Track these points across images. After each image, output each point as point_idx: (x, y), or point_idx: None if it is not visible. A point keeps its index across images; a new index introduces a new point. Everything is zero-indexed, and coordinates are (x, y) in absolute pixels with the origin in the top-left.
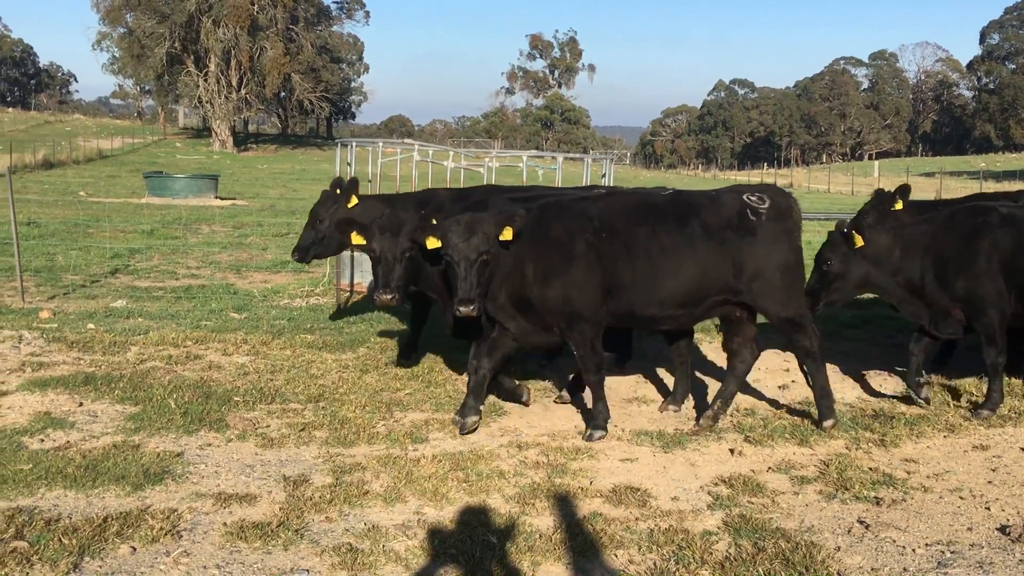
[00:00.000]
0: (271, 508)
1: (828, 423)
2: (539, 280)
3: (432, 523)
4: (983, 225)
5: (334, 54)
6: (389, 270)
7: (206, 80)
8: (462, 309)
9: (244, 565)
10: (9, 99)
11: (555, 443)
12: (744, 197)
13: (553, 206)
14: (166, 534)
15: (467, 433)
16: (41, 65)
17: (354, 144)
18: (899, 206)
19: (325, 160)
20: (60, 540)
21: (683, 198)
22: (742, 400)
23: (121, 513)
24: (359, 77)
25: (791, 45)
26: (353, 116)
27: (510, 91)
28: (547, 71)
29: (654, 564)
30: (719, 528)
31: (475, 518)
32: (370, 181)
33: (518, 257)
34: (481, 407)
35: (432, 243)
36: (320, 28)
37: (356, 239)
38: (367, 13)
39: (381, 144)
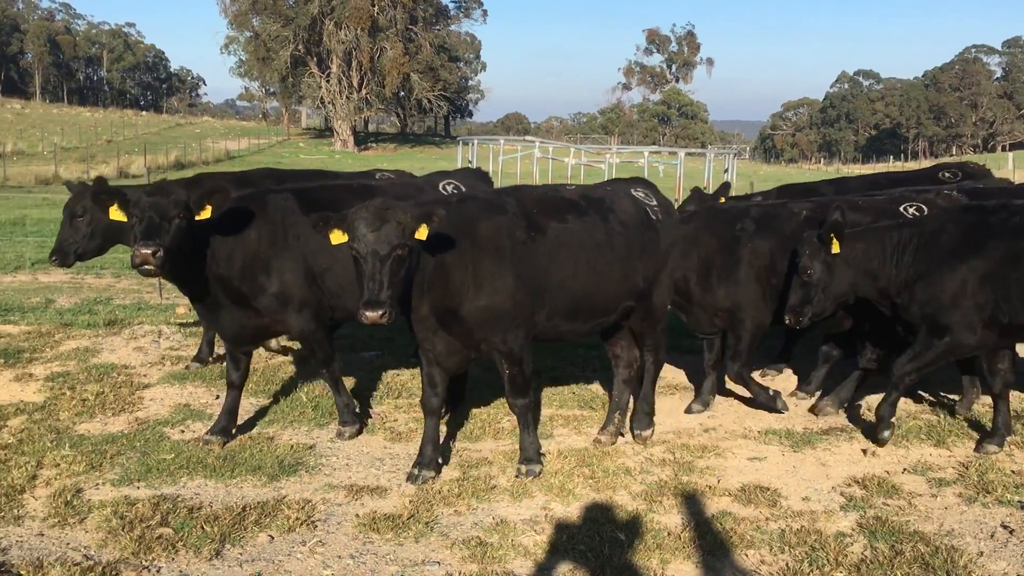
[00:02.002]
0: (401, 501)
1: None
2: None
3: (559, 519)
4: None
5: (452, 53)
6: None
7: (328, 81)
8: (368, 315)
9: (377, 556)
10: (142, 103)
11: (680, 440)
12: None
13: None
14: (302, 524)
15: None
16: (172, 70)
17: (476, 142)
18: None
19: (443, 158)
20: (202, 527)
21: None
22: (873, 400)
23: (258, 503)
24: (476, 75)
25: (919, 34)
26: (470, 114)
27: (627, 87)
28: (664, 66)
29: (786, 565)
30: (853, 530)
31: (602, 515)
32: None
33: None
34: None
35: (337, 238)
36: (438, 28)
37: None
38: (485, 12)
39: (502, 141)
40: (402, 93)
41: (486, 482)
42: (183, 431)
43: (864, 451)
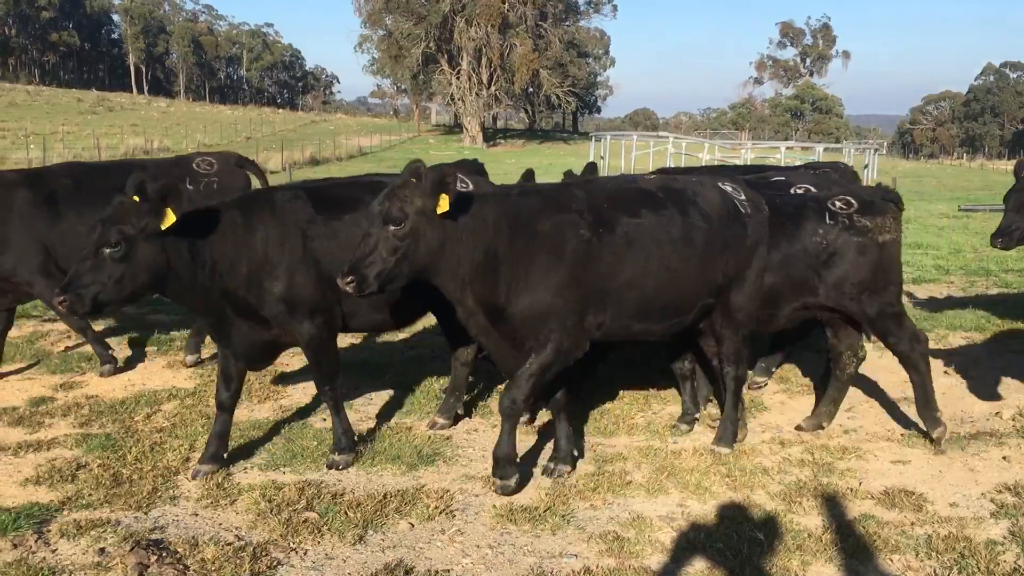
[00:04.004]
0: (537, 493)
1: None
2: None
3: (696, 516)
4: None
5: (581, 49)
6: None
7: (458, 78)
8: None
9: (515, 547)
10: (279, 101)
11: (819, 441)
12: None
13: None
14: (440, 513)
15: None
16: (307, 68)
17: (608, 137)
18: None
19: (571, 154)
20: (346, 513)
21: None
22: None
23: (399, 491)
24: (605, 71)
25: None
26: (598, 110)
27: (758, 81)
28: (798, 59)
29: (933, 571)
30: (1005, 538)
31: (739, 513)
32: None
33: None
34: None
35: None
36: (568, 24)
37: None
38: (614, 7)
39: (635, 137)
40: (531, 89)
41: (621, 477)
42: (324, 419)
43: (1004, 458)
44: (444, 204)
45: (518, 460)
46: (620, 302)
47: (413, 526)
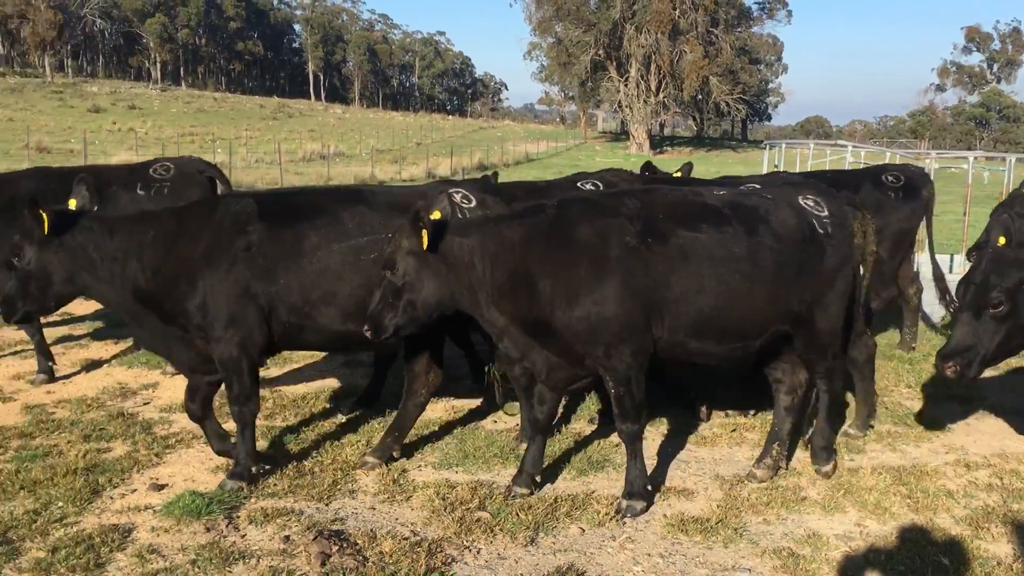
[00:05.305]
0: (708, 505)
1: None
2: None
3: (875, 537)
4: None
5: (752, 55)
6: None
7: (626, 85)
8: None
9: (686, 557)
10: (449, 107)
11: (1008, 465)
12: None
13: None
14: (611, 519)
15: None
16: (477, 76)
17: (783, 145)
18: None
19: (739, 162)
20: (517, 514)
21: None
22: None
23: (569, 495)
24: (777, 78)
25: None
26: (769, 117)
27: (940, 88)
28: (984, 65)
29: None
30: None
31: (922, 536)
32: None
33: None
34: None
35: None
36: (740, 30)
37: None
38: (789, 12)
39: (812, 145)
40: (699, 96)
41: (795, 493)
42: (495, 421)
43: None
44: (425, 239)
45: (648, 486)
46: (674, 317)
47: (584, 531)
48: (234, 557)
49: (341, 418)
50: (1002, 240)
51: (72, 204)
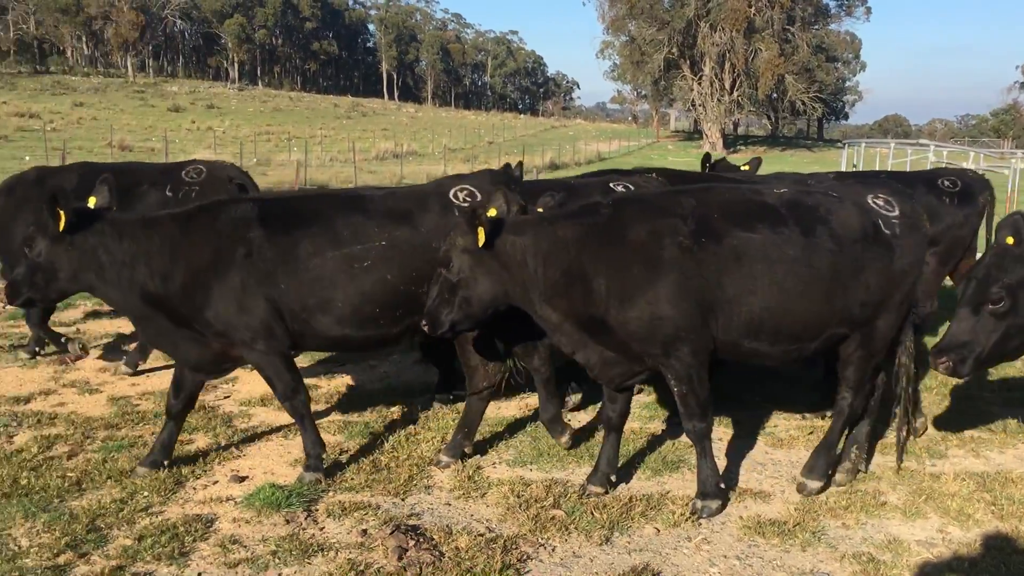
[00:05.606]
0: (785, 508)
1: None
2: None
3: (958, 544)
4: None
5: (830, 53)
6: None
7: (700, 83)
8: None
9: (763, 560)
10: (520, 106)
11: None
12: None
13: None
14: (686, 520)
15: None
16: (549, 74)
17: (863, 144)
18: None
19: (816, 162)
20: (592, 513)
21: None
22: None
23: (644, 495)
24: (854, 76)
25: None
26: (846, 116)
27: None
28: None
29: None
30: None
31: (1008, 544)
32: None
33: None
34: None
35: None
36: (817, 27)
37: None
38: (868, 9)
39: (892, 144)
40: (775, 95)
41: (875, 497)
42: (569, 420)
43: None
44: (481, 237)
45: (721, 484)
46: (727, 317)
47: (659, 531)
48: (313, 549)
49: (416, 414)
50: (1010, 240)
51: (92, 202)
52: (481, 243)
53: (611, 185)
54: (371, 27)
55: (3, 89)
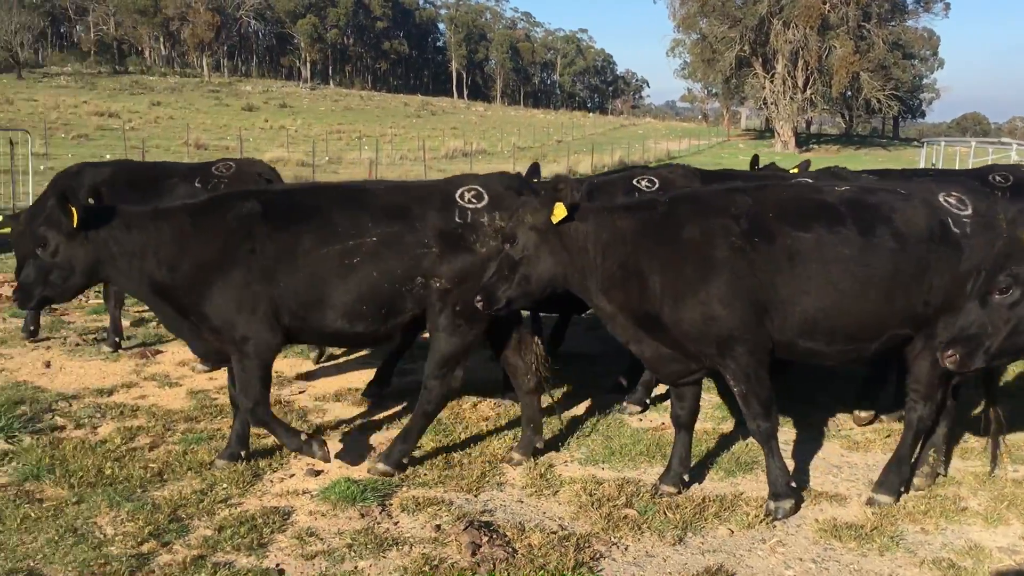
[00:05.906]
0: (862, 511)
1: None
2: None
3: None
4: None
5: (907, 50)
6: None
7: (772, 81)
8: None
9: (840, 564)
10: (589, 105)
11: None
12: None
13: None
14: (760, 522)
15: None
16: (618, 73)
17: (943, 143)
18: None
19: (891, 160)
20: (665, 513)
21: None
22: None
23: (717, 496)
24: (932, 73)
25: None
26: (922, 114)
27: None
28: None
29: None
30: None
31: None
32: None
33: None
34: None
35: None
36: (893, 24)
37: None
38: (946, 5)
39: (973, 143)
40: (849, 93)
41: (955, 503)
42: (640, 420)
43: None
44: (560, 212)
45: (792, 483)
46: (782, 317)
47: (732, 532)
48: (388, 543)
49: (488, 411)
50: None
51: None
52: (557, 220)
53: (635, 182)
54: (441, 26)
55: (84, 89)
